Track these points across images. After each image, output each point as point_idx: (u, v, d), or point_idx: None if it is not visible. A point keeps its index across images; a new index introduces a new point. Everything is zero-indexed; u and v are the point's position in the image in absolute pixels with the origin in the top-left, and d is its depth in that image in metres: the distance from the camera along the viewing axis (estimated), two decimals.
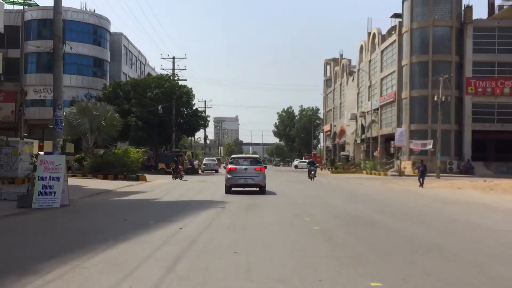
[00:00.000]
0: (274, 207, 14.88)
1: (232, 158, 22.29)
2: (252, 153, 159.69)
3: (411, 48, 50.97)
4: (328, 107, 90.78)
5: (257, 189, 20.14)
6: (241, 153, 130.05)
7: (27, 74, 48.34)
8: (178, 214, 12.61)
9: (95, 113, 31.55)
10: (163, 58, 46.96)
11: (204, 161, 51.39)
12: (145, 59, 65.56)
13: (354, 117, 69.85)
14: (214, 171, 50.81)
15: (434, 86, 49.11)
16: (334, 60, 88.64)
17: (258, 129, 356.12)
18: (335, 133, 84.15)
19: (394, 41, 54.89)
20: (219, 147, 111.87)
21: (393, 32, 58.14)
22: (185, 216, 12.12)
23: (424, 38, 50.21)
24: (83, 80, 48.17)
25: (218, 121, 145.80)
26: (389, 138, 56.88)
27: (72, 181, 27.83)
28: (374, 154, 63.83)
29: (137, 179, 30.95)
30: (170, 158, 42.28)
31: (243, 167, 20.00)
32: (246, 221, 11.47)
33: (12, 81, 48.47)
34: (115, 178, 30.71)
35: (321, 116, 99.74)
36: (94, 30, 50.07)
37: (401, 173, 46.00)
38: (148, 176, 37.13)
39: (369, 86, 64.49)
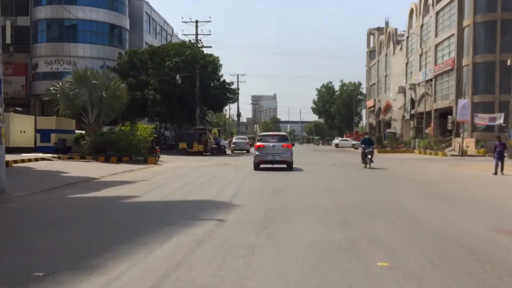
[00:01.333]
0: (309, 220, 8.41)
1: (260, 136, 22.46)
2: (289, 131, 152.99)
3: (475, 5, 42.72)
4: (372, 80, 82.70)
5: (285, 165, 20.42)
6: (279, 131, 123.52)
7: (37, 44, 43.27)
8: (123, 242, 6.46)
9: (93, 82, 25.70)
10: (185, 22, 40.80)
11: (233, 140, 45.27)
12: (172, 30, 59.53)
13: (402, 90, 61.99)
14: (245, 151, 44.70)
15: (504, 50, 40.99)
16: (379, 29, 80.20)
17: (296, 106, 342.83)
18: (379, 108, 76.35)
19: None
20: (255, 125, 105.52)
21: None
22: (129, 251, 5.92)
23: None
24: (98, 50, 42.62)
25: (255, 99, 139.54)
26: (446, 112, 49.09)
27: (60, 165, 22.47)
28: (426, 131, 56.16)
29: (144, 161, 25.19)
30: (193, 136, 36.52)
31: (271, 144, 20.18)
32: (248, 266, 5.19)
33: (22, 51, 43.58)
34: (119, 160, 25.09)
35: (364, 91, 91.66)
36: None
37: (463, 153, 38.52)
38: (166, 158, 31.49)
39: (421, 55, 56.36)
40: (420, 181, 16.34)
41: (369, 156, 21.95)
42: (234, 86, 44.93)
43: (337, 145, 70.79)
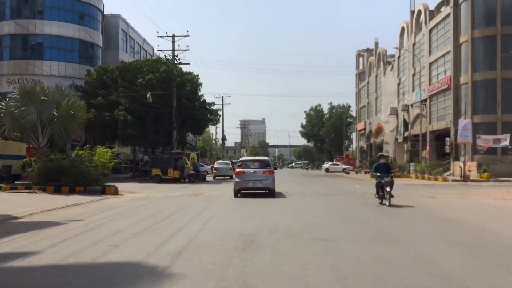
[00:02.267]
0: None
1: (240, 161, 21.09)
2: (278, 156, 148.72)
3: (472, 20, 39.57)
4: (362, 102, 79.44)
5: (266, 191, 19.31)
6: (267, 155, 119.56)
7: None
8: None
9: (43, 98, 21.57)
10: (161, 36, 36.97)
11: (215, 165, 41.13)
12: (152, 49, 55.86)
13: (394, 112, 58.60)
14: (227, 177, 40.56)
15: (505, 66, 37.80)
16: (368, 50, 77.36)
17: (285, 129, 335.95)
18: (370, 131, 72.84)
19: (448, 14, 43.57)
20: (242, 149, 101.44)
21: (443, 7, 46.92)
22: None
23: (490, 7, 38.77)
24: (66, 68, 38.67)
25: (244, 123, 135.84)
26: (442, 134, 45.56)
27: None
28: (422, 154, 52.57)
29: (102, 192, 20.97)
30: (168, 161, 32.39)
31: (252, 170, 19.19)
32: None
33: None
34: (72, 191, 20.86)
35: (354, 113, 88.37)
36: (81, 8, 40.50)
37: (466, 178, 34.71)
38: (135, 186, 27.32)
39: (414, 74, 53.14)
40: (448, 221, 12.26)
41: (388, 189, 15.28)
42: (216, 107, 40.83)
43: (327, 170, 66.92)
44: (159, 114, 34.86)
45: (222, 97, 64.35)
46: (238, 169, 19.39)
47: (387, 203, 15.19)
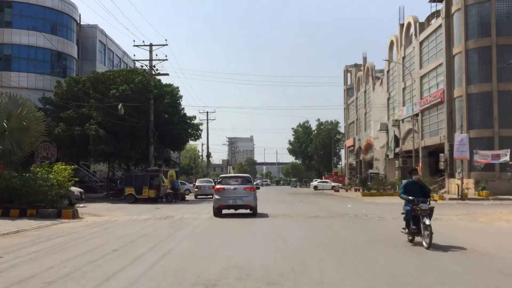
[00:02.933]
0: None
1: (220, 177, 20.27)
2: (266, 173, 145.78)
3: (466, 31, 37.60)
4: (350, 119, 77.33)
5: (248, 210, 18.20)
6: (255, 174, 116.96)
7: None
8: None
9: None
10: (137, 46, 34.12)
11: (197, 183, 38.26)
12: (134, 63, 53.15)
13: (384, 128, 56.35)
14: (210, 196, 37.70)
15: (502, 78, 35.74)
16: (356, 65, 75.53)
17: (273, 147, 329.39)
18: (359, 148, 70.58)
19: (440, 26, 41.66)
20: (228, 166, 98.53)
21: (433, 19, 45.10)
22: None
23: (484, 16, 36.85)
24: (36, 80, 35.75)
25: (231, 140, 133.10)
26: (435, 150, 43.29)
27: None
28: None
29: (58, 215, 18.07)
30: (142, 180, 29.53)
31: (232, 187, 18.06)
32: None
33: None
34: (22, 214, 17.94)
35: (342, 130, 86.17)
36: (54, 16, 37.83)
37: (463, 196, 32.24)
38: (105, 207, 24.47)
39: (404, 88, 51.07)
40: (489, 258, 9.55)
41: (427, 222, 9.95)
42: (198, 121, 38.06)
43: (315, 187, 64.28)
44: (135, 129, 32.07)
45: (207, 112, 61.82)
46: (217, 186, 18.32)
47: (424, 243, 9.90)
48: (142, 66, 33.76)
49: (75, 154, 31.68)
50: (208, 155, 62.83)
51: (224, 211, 18.43)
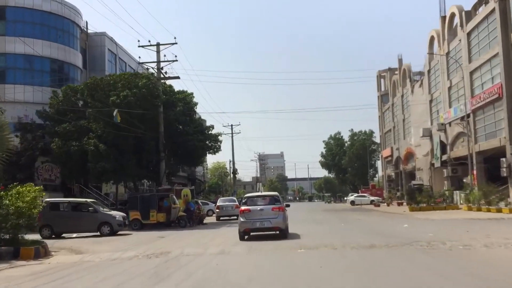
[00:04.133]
0: None
1: (245, 198, 17.89)
2: (298, 189, 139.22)
3: None
4: (387, 127, 70.95)
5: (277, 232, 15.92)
6: (286, 190, 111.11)
7: None
8: None
9: None
10: (143, 46, 29.14)
11: (218, 203, 32.94)
12: (138, 66, 48.67)
13: (427, 134, 50.02)
14: (234, 217, 32.33)
15: None
16: (390, 69, 69.48)
17: (304, 161, 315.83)
18: (398, 157, 64.07)
19: (492, 11, 35.52)
20: (258, 183, 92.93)
21: (481, 6, 39.00)
22: None
23: None
24: (34, 92, 31.35)
25: (262, 157, 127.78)
26: (493, 156, 36.78)
27: None
28: (465, 180, 43.64)
29: (15, 254, 13.12)
30: (150, 201, 24.47)
31: (258, 207, 16.01)
32: None
33: None
34: None
35: (377, 140, 79.71)
36: (54, 21, 33.68)
37: None
38: (96, 240, 19.60)
39: (449, 88, 44.82)
40: None
41: None
42: (216, 131, 32.75)
43: (352, 202, 58.03)
44: (142, 141, 27.15)
45: (231, 125, 56.69)
46: (242, 207, 16.54)
47: None
48: (148, 68, 28.93)
49: (72, 173, 26.91)
50: (234, 171, 57.62)
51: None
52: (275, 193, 18.84)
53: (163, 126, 28.16)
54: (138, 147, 27.13)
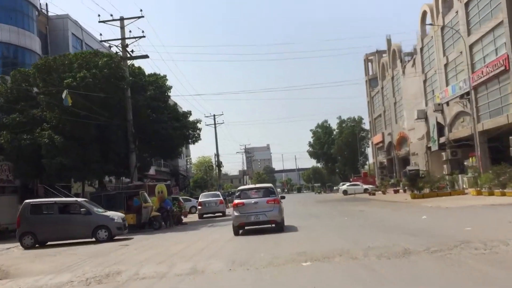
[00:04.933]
0: None
1: (238, 190, 16.92)
2: (286, 180, 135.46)
3: None
4: (376, 112, 67.59)
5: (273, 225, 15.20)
6: (274, 182, 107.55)
7: None
8: None
9: None
10: (104, 21, 24.80)
11: (200, 199, 29.04)
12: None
13: (422, 115, 46.66)
14: (219, 214, 28.46)
15: None
16: (378, 52, 66.05)
17: (291, 152, 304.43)
18: (390, 143, 60.72)
19: None
20: (244, 176, 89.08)
21: None
22: None
23: None
24: None
25: (248, 151, 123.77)
26: (498, 134, 33.49)
27: None
28: (466, 162, 40.51)
29: None
30: (116, 201, 20.42)
31: (253, 200, 15.20)
32: None
33: None
34: None
35: (367, 126, 76.38)
36: (5, 0, 29.28)
37: None
38: (47, 252, 15.63)
39: (446, 65, 41.37)
40: None
41: None
42: (194, 117, 28.57)
43: (345, 192, 54.54)
44: (107, 131, 23.03)
45: (214, 115, 52.59)
46: (236, 201, 15.67)
47: None
48: (111, 47, 24.77)
49: (28, 172, 22.71)
50: (219, 164, 53.62)
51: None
52: (270, 185, 17.58)
53: (132, 113, 24.05)
54: (102, 138, 22.98)
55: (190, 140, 27.64)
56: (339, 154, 77.55)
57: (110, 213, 17.86)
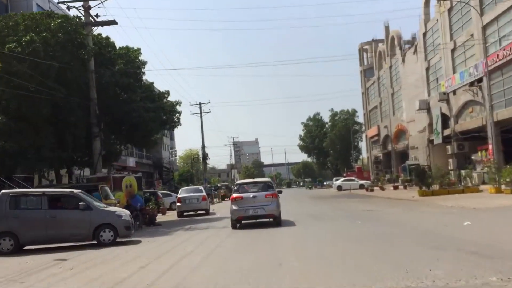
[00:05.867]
0: None
1: (236, 184, 17.53)
2: (275, 175, 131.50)
3: None
4: (372, 104, 63.82)
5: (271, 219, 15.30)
6: (263, 176, 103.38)
7: None
8: None
9: None
10: None
11: (179, 194, 24.86)
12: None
13: (425, 106, 42.93)
14: (201, 212, 24.30)
15: None
16: (374, 41, 62.26)
17: (280, 145, 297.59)
18: (386, 136, 56.99)
19: None
20: (232, 170, 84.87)
21: None
22: None
23: None
24: None
25: (236, 145, 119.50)
26: None
27: None
28: (473, 157, 36.97)
29: None
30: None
31: (251, 195, 15.34)
32: None
33: None
34: None
35: (361, 119, 72.63)
36: None
37: None
38: None
39: (453, 50, 37.54)
40: None
41: None
42: (171, 98, 24.00)
43: (339, 188, 50.63)
44: (64, 112, 18.73)
45: (200, 103, 48.21)
46: (234, 195, 15.72)
47: None
48: (69, 8, 20.30)
49: None
50: (205, 156, 49.33)
51: None
52: (268, 179, 17.96)
53: (96, 91, 19.74)
54: (58, 120, 18.69)
55: (168, 126, 23.38)
56: (331, 148, 73.74)
57: (115, 209, 14.08)
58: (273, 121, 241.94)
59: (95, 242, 13.02)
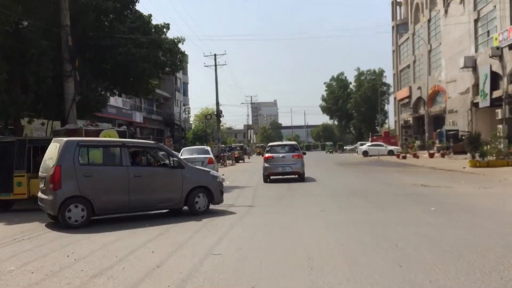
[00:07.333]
0: None
1: (269, 146, 20.54)
2: (294, 137, 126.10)
3: None
4: (404, 63, 57.53)
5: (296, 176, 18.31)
6: (280, 139, 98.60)
7: None
8: None
9: None
10: None
11: (180, 155, 20.18)
12: None
13: (470, 64, 36.88)
14: None
15: None
16: None
17: (300, 106, 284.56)
18: (419, 99, 51.13)
19: None
20: (249, 130, 80.00)
21: None
22: None
23: None
24: None
25: (254, 106, 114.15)
26: None
27: None
28: None
29: None
30: (13, 155, 11.30)
31: (280, 155, 18.57)
32: None
33: None
34: None
35: (389, 80, 66.39)
36: None
37: None
38: None
39: None
40: None
41: None
42: (173, 35, 18.63)
43: (365, 153, 45.48)
44: (23, 41, 13.84)
45: (215, 55, 42.92)
46: (267, 154, 18.80)
47: None
48: None
49: None
50: (219, 114, 44.39)
51: None
52: (294, 142, 22.68)
53: (70, 17, 14.71)
54: (15, 52, 13.81)
55: (167, 69, 18.32)
56: (355, 111, 68.04)
57: (209, 170, 11.29)
58: (292, 79, 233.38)
59: (186, 209, 9.89)
